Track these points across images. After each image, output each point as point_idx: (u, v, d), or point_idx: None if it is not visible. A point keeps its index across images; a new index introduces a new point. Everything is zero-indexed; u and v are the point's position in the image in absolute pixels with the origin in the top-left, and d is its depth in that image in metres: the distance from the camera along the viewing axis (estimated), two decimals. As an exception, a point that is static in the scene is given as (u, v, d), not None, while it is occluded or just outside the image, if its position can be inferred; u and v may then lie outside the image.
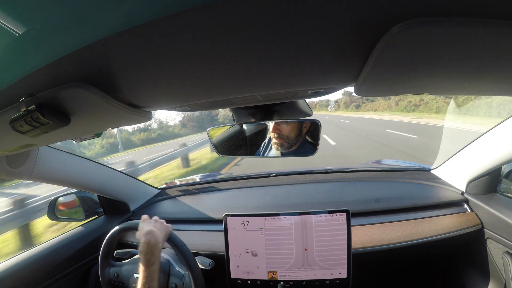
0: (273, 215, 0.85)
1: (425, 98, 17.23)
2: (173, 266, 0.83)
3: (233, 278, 0.88)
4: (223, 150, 0.85)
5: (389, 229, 0.92)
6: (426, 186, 1.11)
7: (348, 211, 0.81)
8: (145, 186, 1.36)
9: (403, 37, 0.25)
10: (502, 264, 0.81)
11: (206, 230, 1.05)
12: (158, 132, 35.09)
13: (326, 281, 0.83)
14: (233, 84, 0.41)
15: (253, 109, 0.76)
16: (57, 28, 0.26)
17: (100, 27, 0.26)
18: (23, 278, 0.85)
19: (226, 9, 0.23)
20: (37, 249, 0.93)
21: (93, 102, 0.38)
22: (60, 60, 0.30)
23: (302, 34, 0.27)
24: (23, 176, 0.82)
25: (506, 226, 0.79)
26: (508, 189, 0.93)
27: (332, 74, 0.40)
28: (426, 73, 0.34)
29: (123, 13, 0.24)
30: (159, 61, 0.32)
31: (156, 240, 0.67)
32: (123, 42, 0.28)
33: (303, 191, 1.22)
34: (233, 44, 0.29)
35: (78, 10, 0.24)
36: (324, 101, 52.35)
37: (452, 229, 0.88)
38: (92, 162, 1.07)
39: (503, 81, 0.36)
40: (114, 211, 1.21)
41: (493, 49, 0.27)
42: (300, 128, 0.76)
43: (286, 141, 0.77)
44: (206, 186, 1.38)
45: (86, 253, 1.03)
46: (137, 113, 0.46)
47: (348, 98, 42.51)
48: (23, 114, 0.36)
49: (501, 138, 0.81)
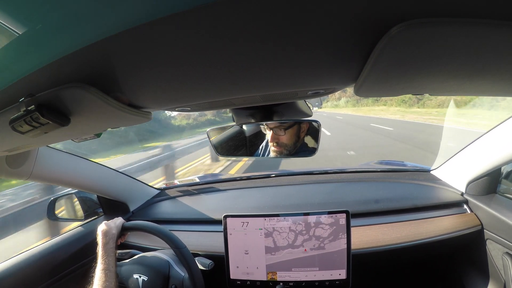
0: (273, 216, 0.84)
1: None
2: (172, 267, 0.83)
3: (232, 279, 0.88)
4: (222, 150, 0.85)
5: (389, 229, 0.92)
6: (426, 187, 1.11)
7: (348, 212, 0.81)
8: (144, 186, 1.36)
9: (403, 37, 0.25)
10: (502, 265, 0.81)
11: (205, 231, 1.05)
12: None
13: (325, 282, 0.83)
14: (233, 84, 0.41)
15: (253, 109, 0.76)
16: (57, 28, 0.26)
17: (100, 27, 0.26)
18: (23, 278, 0.85)
19: (226, 9, 0.23)
20: (37, 249, 0.93)
21: (93, 103, 0.38)
22: (60, 61, 0.30)
23: (302, 35, 0.27)
24: (23, 176, 0.81)
25: (506, 227, 0.79)
26: (508, 190, 0.93)
27: (332, 75, 0.40)
28: (426, 74, 0.34)
29: (123, 13, 0.24)
30: (159, 62, 0.32)
31: (109, 226, 0.81)
32: (123, 42, 0.28)
33: (302, 191, 1.22)
34: (233, 45, 0.29)
35: (78, 10, 0.24)
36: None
37: (452, 230, 0.88)
38: (92, 162, 1.07)
39: (503, 81, 0.36)
40: (113, 212, 1.20)
41: (493, 49, 0.27)
42: (298, 134, 0.77)
43: (284, 149, 0.78)
44: (206, 186, 1.38)
45: (86, 253, 1.03)
46: (137, 114, 0.46)
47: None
48: (23, 114, 0.36)
49: (501, 139, 0.81)
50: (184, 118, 25.97)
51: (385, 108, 22.90)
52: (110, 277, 0.71)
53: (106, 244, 0.77)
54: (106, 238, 0.77)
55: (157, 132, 18.43)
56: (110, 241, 0.77)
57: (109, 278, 0.70)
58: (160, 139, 15.16)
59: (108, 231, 0.79)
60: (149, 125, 15.31)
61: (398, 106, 21.47)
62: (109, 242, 0.77)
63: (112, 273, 0.72)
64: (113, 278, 0.71)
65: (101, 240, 0.78)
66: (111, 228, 0.80)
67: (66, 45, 0.28)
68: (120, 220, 0.85)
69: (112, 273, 0.72)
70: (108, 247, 0.76)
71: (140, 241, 1.05)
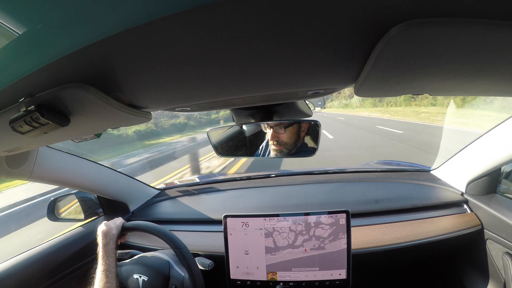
0: (273, 216, 0.84)
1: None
2: (173, 267, 0.83)
3: (232, 279, 0.88)
4: (222, 150, 0.85)
5: (389, 229, 0.92)
6: (426, 187, 1.11)
7: (348, 212, 0.81)
8: (144, 186, 1.36)
9: (403, 37, 0.25)
10: (502, 265, 0.81)
11: (205, 231, 1.05)
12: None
13: (325, 282, 0.83)
14: (233, 84, 0.41)
15: (253, 109, 0.76)
16: (57, 28, 0.26)
17: (100, 27, 0.26)
18: (23, 279, 0.85)
19: (225, 9, 0.23)
20: (37, 250, 0.93)
21: (93, 103, 0.38)
22: (60, 61, 0.30)
23: (302, 35, 0.27)
24: (23, 176, 0.81)
25: (506, 226, 0.79)
26: (508, 189, 0.93)
27: (332, 75, 0.40)
28: (426, 74, 0.34)
29: (123, 13, 0.24)
30: (159, 62, 0.32)
31: (109, 227, 0.81)
32: (123, 42, 0.28)
33: (303, 191, 1.22)
34: (233, 45, 0.29)
35: (78, 10, 0.24)
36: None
37: (452, 230, 0.88)
38: (92, 162, 1.07)
39: (503, 81, 0.36)
40: (113, 212, 1.20)
41: (493, 49, 0.27)
42: (298, 133, 0.77)
43: (285, 147, 0.78)
44: (206, 186, 1.38)
45: (86, 254, 1.03)
46: (137, 114, 0.46)
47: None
48: (22, 114, 0.36)
49: (501, 139, 0.81)
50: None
51: (438, 110, 13.11)
52: (111, 278, 0.71)
53: (106, 244, 0.77)
54: (106, 239, 0.77)
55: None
56: (110, 242, 0.77)
57: (110, 279, 0.71)
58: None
59: (108, 232, 0.79)
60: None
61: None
62: (109, 243, 0.77)
63: (113, 273, 0.72)
64: (114, 279, 0.71)
65: (101, 241, 0.77)
66: (111, 229, 0.80)
67: (66, 45, 0.28)
68: (120, 221, 0.85)
69: (113, 273, 0.72)
70: (108, 247, 0.76)
71: (140, 241, 1.05)
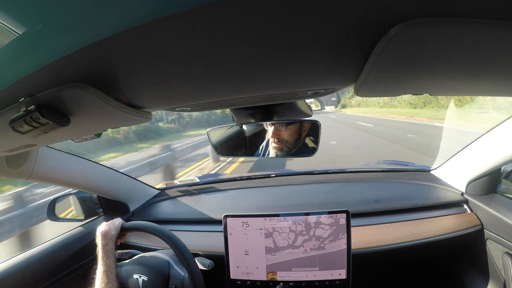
0: (273, 216, 0.84)
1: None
2: (172, 267, 0.83)
3: (232, 278, 0.88)
4: (223, 150, 0.85)
5: (389, 229, 0.92)
6: (426, 187, 1.11)
7: (348, 212, 0.81)
8: (144, 186, 1.36)
9: (403, 37, 0.25)
10: (502, 265, 0.81)
11: (205, 231, 1.05)
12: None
13: (325, 282, 0.83)
14: (233, 84, 0.41)
15: (253, 109, 0.76)
16: (57, 28, 0.26)
17: (100, 27, 0.26)
18: (23, 279, 0.85)
19: (226, 9, 0.23)
20: (37, 250, 0.93)
21: (93, 103, 0.38)
22: (60, 61, 0.30)
23: (302, 35, 0.27)
24: (23, 176, 0.81)
25: (506, 226, 0.79)
26: (508, 189, 0.93)
27: (332, 75, 0.40)
28: (426, 74, 0.34)
29: (123, 13, 0.24)
30: (159, 62, 0.32)
31: (108, 228, 0.81)
32: (123, 42, 0.28)
33: (303, 191, 1.22)
34: (233, 45, 0.29)
35: (78, 10, 0.24)
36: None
37: (452, 230, 0.88)
38: (92, 162, 1.07)
39: (503, 81, 0.36)
40: (113, 212, 1.20)
41: (493, 49, 0.27)
42: (300, 132, 0.77)
43: (285, 145, 0.78)
44: (206, 186, 1.38)
45: (86, 254, 1.03)
46: (137, 114, 0.46)
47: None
48: (22, 114, 0.36)
49: (501, 139, 0.81)
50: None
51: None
52: (112, 278, 0.71)
53: (105, 245, 0.76)
54: (105, 240, 0.77)
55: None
56: (109, 242, 0.77)
57: (111, 280, 0.71)
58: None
59: (107, 232, 0.79)
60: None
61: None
62: (108, 244, 0.77)
63: (113, 274, 0.72)
64: (114, 280, 0.71)
65: (101, 241, 0.77)
66: (110, 229, 0.80)
67: (66, 45, 0.28)
68: (119, 221, 0.85)
69: (113, 274, 0.72)
70: (107, 248, 0.76)
71: (140, 241, 1.05)
